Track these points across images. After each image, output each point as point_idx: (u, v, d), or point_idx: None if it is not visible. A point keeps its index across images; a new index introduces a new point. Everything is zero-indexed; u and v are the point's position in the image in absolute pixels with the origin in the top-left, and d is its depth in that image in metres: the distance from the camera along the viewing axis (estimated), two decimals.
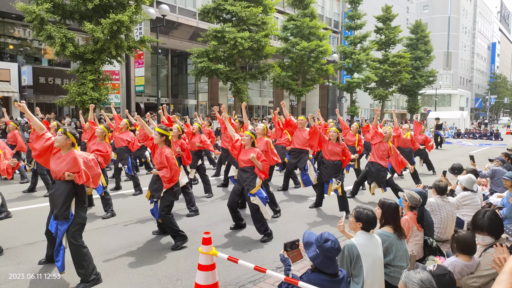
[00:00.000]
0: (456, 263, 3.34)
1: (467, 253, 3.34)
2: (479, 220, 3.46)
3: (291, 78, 24.82)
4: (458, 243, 3.36)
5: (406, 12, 49.00)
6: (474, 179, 5.47)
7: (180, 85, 29.65)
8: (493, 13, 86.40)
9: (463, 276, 3.32)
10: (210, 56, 19.53)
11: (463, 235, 3.38)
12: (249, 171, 5.35)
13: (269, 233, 5.42)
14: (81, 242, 3.91)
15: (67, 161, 3.89)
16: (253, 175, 5.34)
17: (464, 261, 3.34)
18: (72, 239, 3.85)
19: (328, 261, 2.71)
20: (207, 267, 3.36)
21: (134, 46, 15.10)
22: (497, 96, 71.81)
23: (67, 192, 3.85)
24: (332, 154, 6.56)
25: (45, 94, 18.82)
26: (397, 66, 32.09)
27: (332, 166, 6.55)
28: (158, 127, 5.10)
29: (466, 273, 3.31)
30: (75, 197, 3.91)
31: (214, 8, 19.91)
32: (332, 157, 6.57)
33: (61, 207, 3.82)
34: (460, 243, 3.35)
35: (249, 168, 5.35)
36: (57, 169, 3.91)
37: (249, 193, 5.28)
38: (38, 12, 12.81)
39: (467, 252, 3.34)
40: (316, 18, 25.22)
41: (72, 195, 3.89)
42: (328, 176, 6.58)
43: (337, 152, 6.57)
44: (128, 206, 7.19)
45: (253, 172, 5.34)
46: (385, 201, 3.59)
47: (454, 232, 3.48)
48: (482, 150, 19.69)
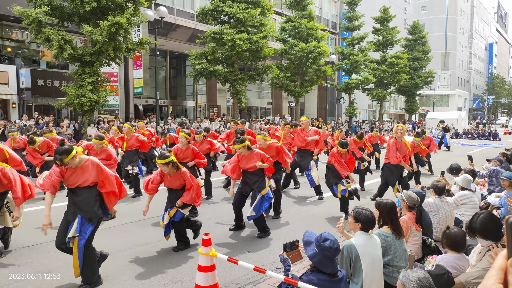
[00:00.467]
0: (447, 257, 3.41)
1: (456, 249, 3.42)
2: (473, 224, 3.48)
3: (290, 79, 24.86)
4: (448, 239, 3.44)
5: (404, 13, 49.13)
6: (470, 178, 5.50)
7: (178, 86, 29.66)
8: (490, 13, 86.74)
9: (459, 272, 3.35)
10: (208, 58, 19.56)
11: (454, 232, 3.44)
12: (258, 173, 5.48)
13: (267, 230, 5.58)
14: (92, 245, 3.98)
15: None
16: (262, 177, 5.48)
17: (454, 255, 3.41)
18: (88, 243, 3.89)
19: (326, 261, 2.73)
20: (207, 268, 3.37)
21: (133, 48, 15.13)
22: (495, 96, 72.04)
23: (94, 195, 3.94)
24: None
25: (44, 96, 18.80)
26: (395, 67, 32.17)
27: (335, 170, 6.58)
28: (158, 159, 4.80)
29: (458, 266, 3.37)
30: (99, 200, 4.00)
31: (212, 10, 19.94)
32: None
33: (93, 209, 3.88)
34: (450, 240, 3.43)
35: (258, 171, 5.47)
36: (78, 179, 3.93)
37: (261, 195, 5.39)
38: (36, 15, 12.81)
39: (456, 249, 3.42)
40: (314, 19, 25.28)
41: (99, 197, 3.99)
42: (334, 179, 6.58)
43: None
44: (127, 208, 7.20)
45: (262, 174, 5.49)
46: (381, 201, 3.62)
47: (446, 228, 3.53)
48: (480, 150, 19.75)
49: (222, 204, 7.49)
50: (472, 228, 3.47)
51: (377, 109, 39.49)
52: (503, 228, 2.05)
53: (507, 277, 0.77)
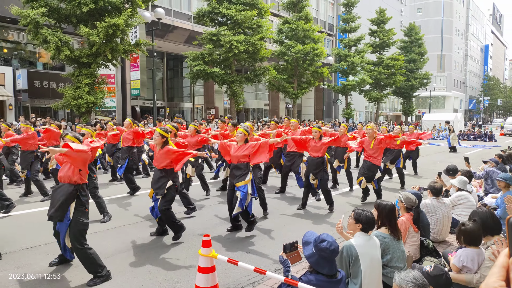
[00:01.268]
0: (468, 251, 3.42)
1: (474, 244, 3.43)
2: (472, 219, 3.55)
3: (287, 81, 24.93)
4: (466, 235, 3.44)
5: (400, 15, 49.40)
6: (465, 180, 5.55)
7: (175, 88, 29.66)
8: (485, 15, 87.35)
9: (477, 267, 3.38)
10: (205, 59, 19.59)
11: (470, 227, 3.45)
12: (242, 167, 5.54)
13: (253, 220, 5.69)
14: (86, 245, 3.96)
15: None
16: (245, 171, 5.53)
17: (474, 249, 3.43)
18: (76, 244, 3.89)
19: (322, 261, 2.75)
20: (207, 269, 3.38)
21: (130, 50, 15.13)
22: (491, 97, 72.52)
23: (67, 194, 3.88)
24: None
25: (40, 98, 18.75)
26: (391, 69, 32.35)
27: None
28: (159, 128, 5.25)
29: (477, 260, 3.39)
30: (75, 201, 3.93)
31: (209, 11, 19.98)
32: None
33: (57, 208, 3.86)
34: (468, 235, 3.42)
35: (243, 165, 5.54)
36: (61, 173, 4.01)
37: (236, 186, 5.49)
38: (33, 16, 12.79)
39: (474, 243, 3.43)
40: (310, 21, 25.39)
41: (72, 199, 3.91)
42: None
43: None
44: (125, 210, 7.19)
45: (246, 168, 5.55)
46: (380, 202, 3.64)
47: (461, 225, 3.53)
48: (476, 151, 19.87)
49: (219, 206, 7.50)
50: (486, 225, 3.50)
51: (373, 111, 39.66)
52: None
53: (509, 274, 0.80)
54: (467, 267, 3.40)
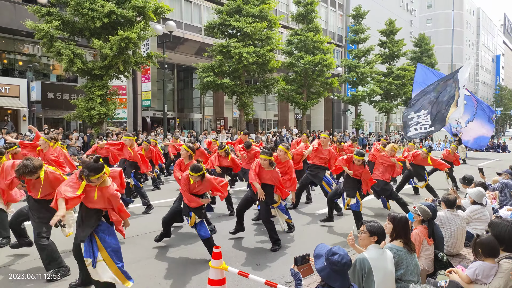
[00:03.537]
0: (485, 266, 3.33)
1: (494, 255, 3.35)
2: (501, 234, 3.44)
3: (296, 91, 24.97)
4: (484, 248, 3.36)
5: (410, 25, 49.32)
6: (483, 193, 5.44)
7: (186, 99, 29.91)
8: (496, 26, 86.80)
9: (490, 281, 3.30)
10: (215, 71, 19.75)
11: (487, 239, 3.38)
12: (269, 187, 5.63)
13: (279, 242, 5.60)
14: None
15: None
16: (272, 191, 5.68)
17: (491, 264, 3.34)
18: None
19: (334, 275, 2.69)
20: (217, 281, 3.35)
21: (141, 62, 15.35)
22: (503, 108, 71.51)
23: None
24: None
25: (53, 109, 19.07)
26: (401, 79, 32.19)
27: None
28: (191, 171, 4.88)
29: (492, 275, 3.31)
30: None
31: (219, 23, 20.22)
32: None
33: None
34: (486, 247, 3.35)
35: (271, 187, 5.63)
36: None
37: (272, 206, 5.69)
38: (47, 30, 13.09)
39: (493, 255, 3.35)
40: (320, 32, 25.50)
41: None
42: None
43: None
44: (134, 221, 7.20)
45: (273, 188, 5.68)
46: (395, 215, 3.58)
47: (476, 237, 3.45)
48: (490, 162, 19.54)
49: (227, 217, 7.46)
50: (500, 238, 3.41)
51: (383, 121, 39.37)
52: None
53: None
54: (480, 280, 3.31)
